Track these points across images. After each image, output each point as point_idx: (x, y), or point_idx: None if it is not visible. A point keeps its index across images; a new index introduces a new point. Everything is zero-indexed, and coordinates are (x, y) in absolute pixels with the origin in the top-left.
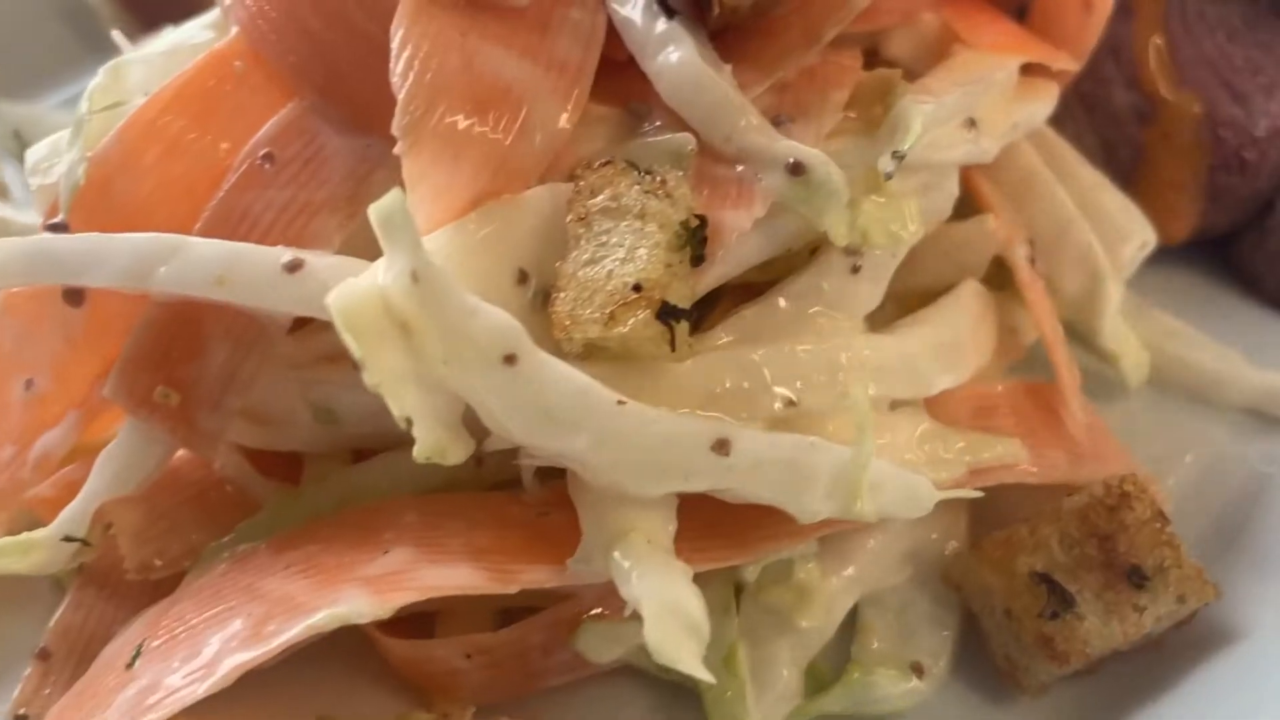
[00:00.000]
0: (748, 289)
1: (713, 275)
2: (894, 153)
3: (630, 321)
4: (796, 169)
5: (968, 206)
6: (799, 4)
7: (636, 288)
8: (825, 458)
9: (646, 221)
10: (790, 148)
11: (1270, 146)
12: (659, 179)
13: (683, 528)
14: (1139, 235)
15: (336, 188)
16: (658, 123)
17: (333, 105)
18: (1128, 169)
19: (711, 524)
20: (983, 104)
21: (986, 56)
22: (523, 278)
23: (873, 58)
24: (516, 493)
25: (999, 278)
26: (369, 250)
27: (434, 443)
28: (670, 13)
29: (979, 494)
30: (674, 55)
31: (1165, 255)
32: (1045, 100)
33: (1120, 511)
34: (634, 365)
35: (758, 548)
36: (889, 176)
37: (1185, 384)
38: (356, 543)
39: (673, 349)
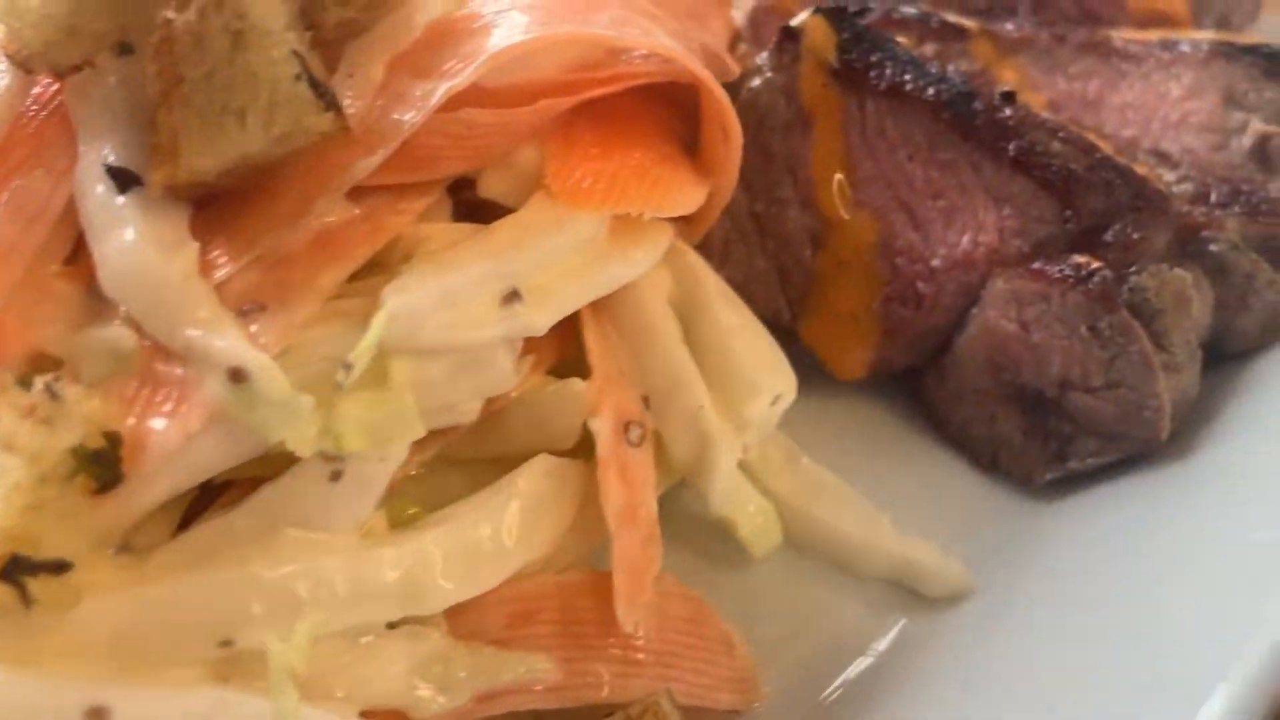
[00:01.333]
0: (253, 482)
1: (151, 495)
2: (345, 363)
3: None
4: (237, 375)
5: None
6: (297, 170)
7: None
8: (239, 715)
9: (13, 454)
10: (229, 350)
11: (947, 279)
12: (38, 401)
13: None
14: (771, 389)
15: None
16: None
17: None
18: (802, 297)
19: None
20: (533, 271)
21: (551, 215)
22: None
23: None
24: None
25: None
26: None
27: None
28: (125, 184)
29: None
30: (120, 237)
31: (861, 387)
32: (649, 248)
33: None
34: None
35: None
36: (340, 386)
37: (825, 549)
38: None
39: (27, 606)
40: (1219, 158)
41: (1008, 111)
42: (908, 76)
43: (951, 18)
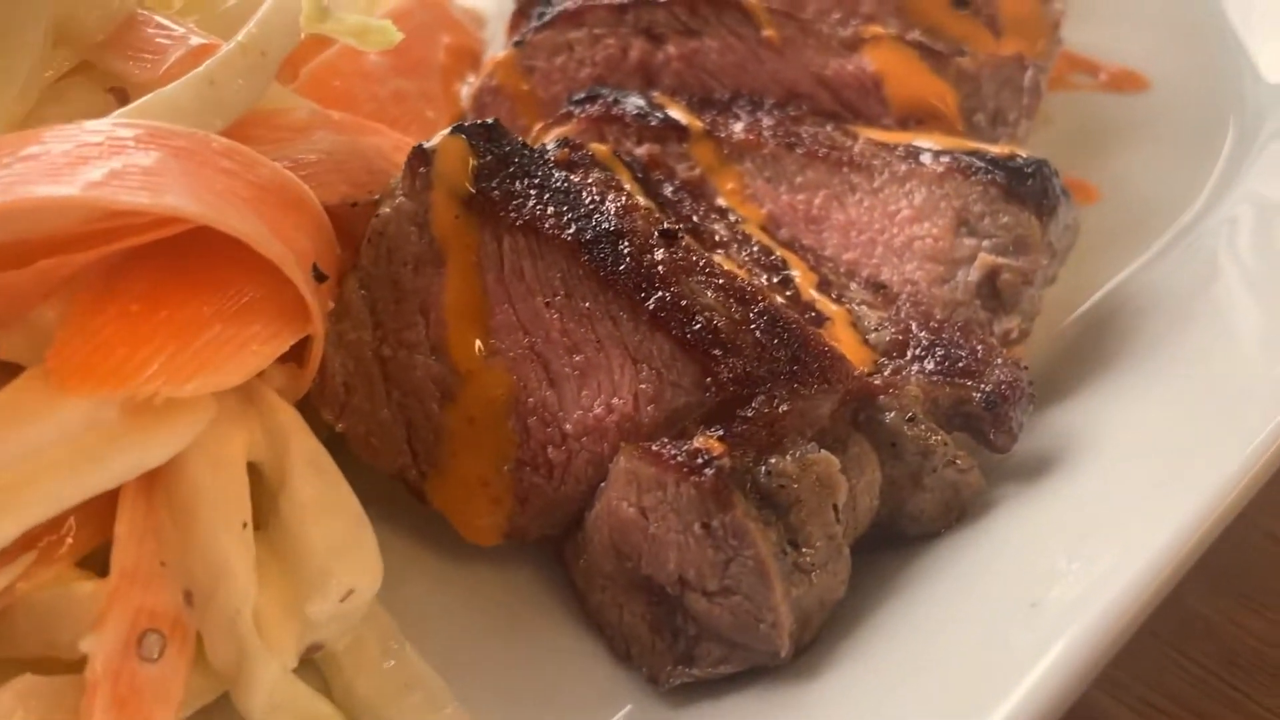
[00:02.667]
0: None
1: None
2: None
3: None
4: None
5: None
6: None
7: None
8: None
9: None
10: None
11: (579, 447)
12: None
13: None
14: (342, 583)
15: None
16: None
17: None
18: (430, 454)
19: None
20: None
21: (37, 399)
22: None
23: None
24: None
25: None
26: None
27: None
28: None
29: None
30: None
31: (513, 549)
32: (181, 428)
33: None
34: None
35: None
36: None
37: None
38: None
39: None
40: (942, 292)
41: (659, 255)
42: (549, 211)
43: (676, 113)
